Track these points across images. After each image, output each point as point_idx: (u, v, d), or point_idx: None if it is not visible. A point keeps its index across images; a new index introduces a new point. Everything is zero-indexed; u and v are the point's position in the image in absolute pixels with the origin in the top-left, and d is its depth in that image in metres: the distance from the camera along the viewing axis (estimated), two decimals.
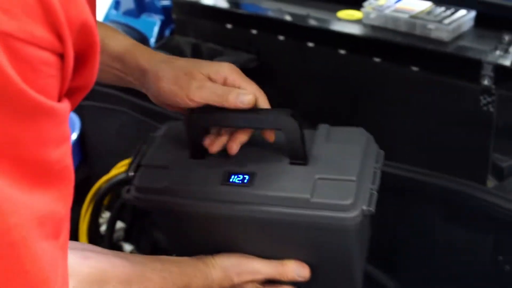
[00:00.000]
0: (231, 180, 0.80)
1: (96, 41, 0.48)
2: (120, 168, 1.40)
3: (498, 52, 1.23)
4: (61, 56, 0.44)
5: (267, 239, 0.86)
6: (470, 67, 1.24)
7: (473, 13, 1.35)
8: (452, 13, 1.35)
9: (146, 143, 0.91)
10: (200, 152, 0.85)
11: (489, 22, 1.35)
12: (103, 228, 1.45)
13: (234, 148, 0.85)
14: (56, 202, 0.48)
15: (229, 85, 0.85)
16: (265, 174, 0.79)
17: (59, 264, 0.50)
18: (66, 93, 0.48)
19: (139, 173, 0.87)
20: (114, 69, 0.90)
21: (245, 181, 0.79)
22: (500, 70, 1.20)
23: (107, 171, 1.40)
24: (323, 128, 0.86)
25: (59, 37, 0.43)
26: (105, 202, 1.43)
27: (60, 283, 0.51)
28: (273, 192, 0.78)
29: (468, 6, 1.36)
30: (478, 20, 1.37)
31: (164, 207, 0.84)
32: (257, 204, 0.79)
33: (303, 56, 1.52)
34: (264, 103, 0.88)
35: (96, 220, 1.41)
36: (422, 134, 1.37)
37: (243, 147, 0.85)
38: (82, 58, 0.48)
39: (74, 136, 1.60)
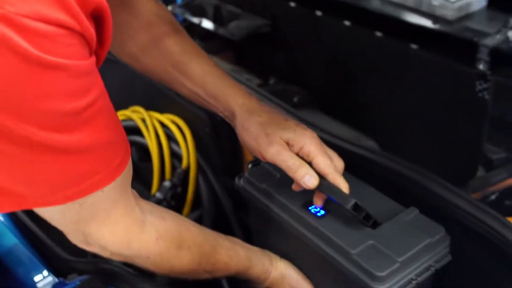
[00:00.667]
0: (310, 208, 0.88)
1: (108, 16, 0.61)
2: None
3: (498, 36, 1.15)
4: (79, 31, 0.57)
5: (317, 272, 0.94)
6: (467, 50, 1.17)
7: None
8: None
9: None
10: None
11: (504, 2, 1.25)
12: None
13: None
14: (95, 135, 0.63)
15: (304, 154, 0.85)
16: (336, 217, 0.87)
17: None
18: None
19: (253, 169, 0.98)
20: (207, 103, 0.94)
21: (319, 214, 0.88)
22: (496, 55, 1.13)
23: None
24: (411, 210, 0.88)
25: (74, 17, 0.55)
26: None
27: None
28: (330, 232, 0.85)
29: None
30: (492, 1, 1.27)
31: (256, 203, 0.95)
32: (314, 234, 0.87)
33: (312, 24, 1.49)
34: (337, 171, 0.86)
35: None
36: (415, 112, 1.32)
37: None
38: (99, 29, 0.61)
39: None
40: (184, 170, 1.28)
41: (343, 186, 0.83)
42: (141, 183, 1.43)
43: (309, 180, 0.82)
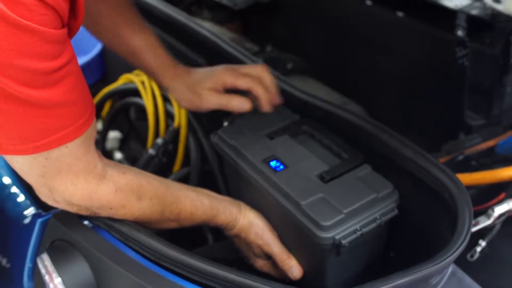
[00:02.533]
0: (270, 163, 0.97)
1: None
2: (119, 81, 1.53)
3: (476, 4, 1.17)
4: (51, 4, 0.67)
5: (276, 222, 1.01)
6: (447, 17, 1.19)
7: None
8: None
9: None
10: None
11: None
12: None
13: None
14: (64, 95, 0.72)
15: (230, 87, 1.08)
16: (294, 171, 0.95)
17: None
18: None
19: (227, 127, 1.08)
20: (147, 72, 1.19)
21: (277, 169, 0.96)
22: (473, 21, 1.15)
23: None
24: (364, 167, 0.95)
25: None
26: (105, 111, 1.56)
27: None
28: (285, 185, 0.93)
29: None
30: None
31: (227, 158, 1.05)
32: (271, 187, 0.94)
33: None
34: (269, 80, 1.08)
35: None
36: (400, 79, 1.36)
37: (304, 144, 1.02)
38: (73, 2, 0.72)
39: (96, 52, 1.74)
40: (176, 128, 1.35)
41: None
42: (138, 140, 1.52)
43: (244, 105, 1.07)
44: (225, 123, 1.11)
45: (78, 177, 0.81)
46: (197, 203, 0.97)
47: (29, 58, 0.68)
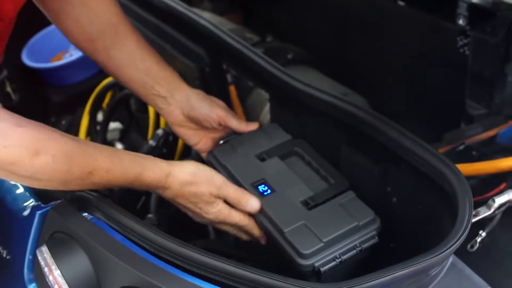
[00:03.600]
0: (258, 187, 1.02)
1: None
2: None
3: None
4: None
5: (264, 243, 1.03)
6: (448, 5, 1.18)
7: None
8: None
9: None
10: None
11: None
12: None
13: None
14: None
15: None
16: (280, 196, 1.00)
17: None
18: None
19: (221, 146, 1.13)
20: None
21: (265, 193, 1.01)
22: (474, 10, 1.14)
23: None
24: (349, 193, 0.98)
25: None
26: (106, 102, 1.56)
27: None
28: (270, 211, 0.97)
29: None
30: None
31: None
32: (259, 212, 0.99)
33: None
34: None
35: (93, 118, 1.55)
36: (402, 68, 1.35)
37: (293, 167, 1.06)
38: None
39: None
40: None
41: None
42: (139, 132, 1.52)
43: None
44: (221, 142, 1.15)
45: None
46: (115, 159, 0.90)
47: None
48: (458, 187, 0.81)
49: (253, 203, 0.98)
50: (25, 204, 1.01)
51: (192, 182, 0.95)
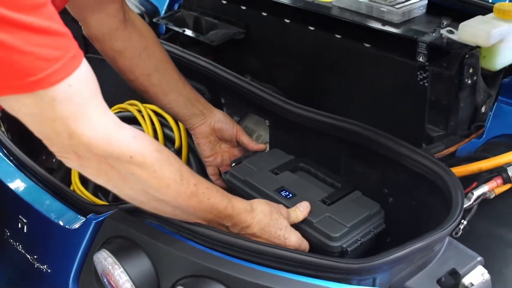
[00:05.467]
0: (281, 192, 1.20)
1: None
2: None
3: (434, 34, 1.41)
4: None
5: None
6: (409, 46, 1.42)
7: (425, 1, 1.54)
8: (406, 0, 1.55)
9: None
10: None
11: (439, 10, 1.53)
12: None
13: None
14: (47, 22, 0.75)
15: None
16: (302, 198, 1.17)
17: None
18: None
19: (236, 166, 1.30)
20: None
21: (288, 197, 1.19)
22: (432, 49, 1.38)
23: None
24: (356, 193, 1.20)
25: None
26: None
27: None
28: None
29: None
30: (430, 8, 1.55)
31: (241, 193, 1.24)
32: None
33: (281, 31, 1.73)
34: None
35: None
36: (371, 101, 1.57)
37: (303, 177, 1.26)
38: None
39: None
40: (176, 149, 1.50)
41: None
42: None
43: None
44: (233, 164, 1.34)
45: (94, 120, 0.83)
46: (212, 187, 1.01)
47: None
48: (450, 180, 1.02)
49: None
50: (72, 219, 1.12)
51: (272, 211, 1.08)
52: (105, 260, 0.98)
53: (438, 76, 1.40)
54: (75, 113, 0.82)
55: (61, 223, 1.11)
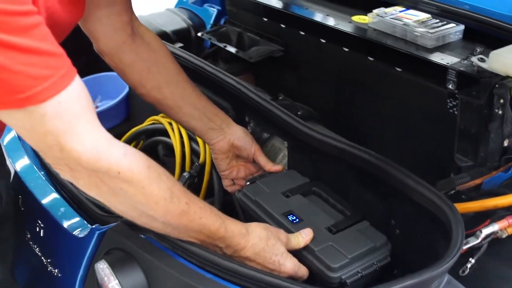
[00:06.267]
0: (288, 216, 1.19)
1: None
2: (146, 123, 1.71)
3: (465, 62, 1.37)
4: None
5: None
6: (440, 72, 1.39)
7: (461, 27, 1.50)
8: (443, 25, 1.51)
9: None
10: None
11: (476, 36, 1.48)
12: None
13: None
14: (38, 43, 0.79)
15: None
16: (308, 223, 1.16)
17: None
18: None
19: (249, 186, 1.31)
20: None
21: (294, 221, 1.18)
22: (461, 76, 1.35)
23: None
24: (364, 223, 1.18)
25: None
26: None
27: None
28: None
29: (458, 21, 1.51)
30: (466, 33, 1.51)
31: (250, 211, 1.26)
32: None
33: (317, 51, 1.73)
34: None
35: None
36: (398, 126, 1.54)
37: (314, 202, 1.25)
38: None
39: (122, 97, 1.93)
40: (201, 164, 1.53)
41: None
42: None
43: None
44: (247, 183, 1.34)
45: (84, 136, 0.85)
46: (206, 207, 1.01)
47: None
48: (452, 216, 0.99)
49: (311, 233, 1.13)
50: (80, 228, 1.16)
51: (268, 236, 1.07)
52: (102, 271, 1.01)
53: (467, 104, 1.35)
54: (65, 129, 0.84)
55: (70, 230, 1.16)
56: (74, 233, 1.15)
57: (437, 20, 1.54)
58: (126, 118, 1.99)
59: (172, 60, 1.34)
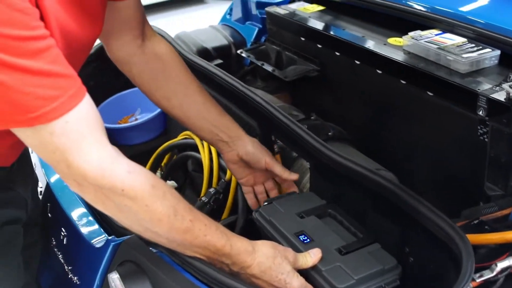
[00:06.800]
0: (300, 236, 1.20)
1: None
2: (179, 137, 1.74)
3: (497, 88, 1.34)
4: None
5: None
6: (470, 98, 1.36)
7: (497, 52, 1.46)
8: (478, 49, 1.48)
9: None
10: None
11: (510, 61, 1.44)
12: None
13: None
14: (49, 66, 0.83)
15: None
16: (318, 244, 1.17)
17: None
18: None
19: (266, 206, 1.32)
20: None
21: (305, 241, 1.19)
22: (492, 103, 1.31)
23: None
24: (375, 245, 1.18)
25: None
26: (164, 162, 1.77)
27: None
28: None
29: (495, 46, 1.47)
30: (503, 59, 1.47)
31: (264, 231, 1.28)
32: None
33: (351, 72, 1.73)
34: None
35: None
36: (428, 151, 1.52)
37: (328, 224, 1.26)
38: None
39: (159, 110, 1.98)
40: (227, 181, 1.54)
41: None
42: (193, 189, 1.71)
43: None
44: (265, 203, 1.35)
45: (90, 154, 0.89)
46: (212, 224, 1.02)
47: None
48: (463, 247, 0.96)
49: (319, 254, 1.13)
50: (98, 238, 1.20)
51: (275, 255, 1.07)
52: (114, 281, 1.04)
53: (498, 132, 1.32)
54: (72, 147, 0.88)
55: (89, 240, 1.20)
56: (92, 242, 1.19)
57: (473, 45, 1.51)
58: (163, 131, 2.03)
59: (183, 71, 1.36)
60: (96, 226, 1.23)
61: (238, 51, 2.12)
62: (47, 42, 0.85)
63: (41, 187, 1.46)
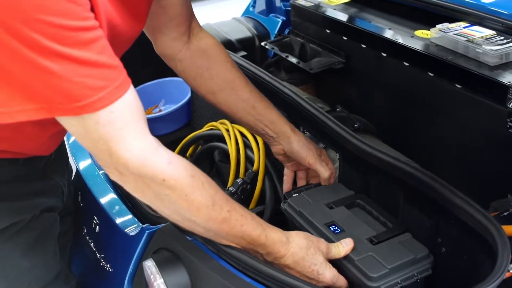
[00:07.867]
0: (330, 227, 1.21)
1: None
2: (205, 128, 1.75)
3: None
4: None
5: None
6: (500, 91, 1.36)
7: None
8: (507, 42, 1.47)
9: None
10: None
11: None
12: None
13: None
14: (97, 56, 0.84)
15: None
16: (349, 234, 1.18)
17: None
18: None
19: (294, 197, 1.34)
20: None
21: (336, 232, 1.20)
22: None
23: None
24: (406, 235, 1.18)
25: None
26: (188, 152, 1.79)
27: None
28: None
29: None
30: None
31: (294, 221, 1.29)
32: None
33: (377, 64, 1.73)
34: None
35: None
36: (456, 144, 1.51)
37: (357, 214, 1.26)
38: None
39: (185, 101, 2.00)
40: (254, 171, 1.56)
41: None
42: (220, 179, 1.73)
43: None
44: (294, 194, 1.37)
45: (132, 144, 0.91)
46: (248, 215, 1.04)
47: (53, 14, 0.79)
48: (499, 238, 0.97)
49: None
50: (132, 226, 1.22)
51: (309, 246, 1.09)
52: (149, 269, 1.05)
53: None
54: (115, 136, 0.90)
55: (123, 228, 1.21)
56: (126, 231, 1.21)
57: (502, 37, 1.50)
58: (188, 122, 2.05)
59: (229, 67, 1.38)
60: (129, 215, 1.25)
61: (262, 43, 2.13)
62: (97, 33, 0.87)
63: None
